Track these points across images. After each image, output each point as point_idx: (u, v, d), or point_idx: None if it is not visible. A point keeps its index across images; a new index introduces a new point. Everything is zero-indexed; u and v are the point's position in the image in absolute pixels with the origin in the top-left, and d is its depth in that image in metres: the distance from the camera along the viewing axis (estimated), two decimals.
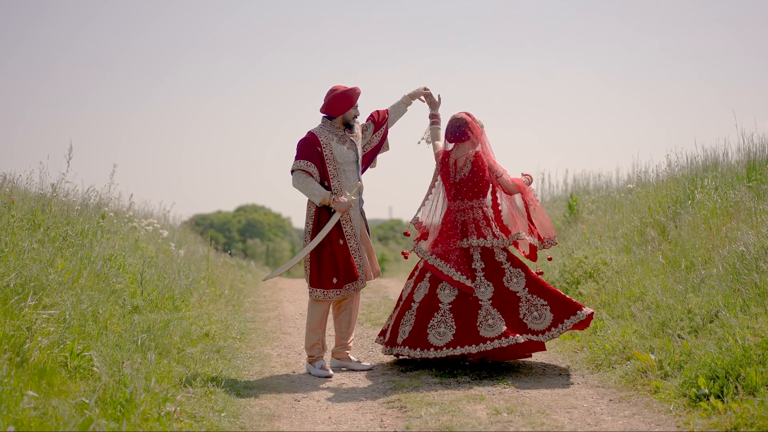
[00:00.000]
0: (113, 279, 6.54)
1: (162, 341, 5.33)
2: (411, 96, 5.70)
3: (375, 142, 5.63)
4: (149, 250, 8.88)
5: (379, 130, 5.63)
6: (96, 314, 5.35)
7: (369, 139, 5.62)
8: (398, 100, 5.71)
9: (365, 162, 5.63)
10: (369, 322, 7.32)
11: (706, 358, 4.44)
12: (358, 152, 5.48)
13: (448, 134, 5.44)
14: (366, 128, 5.62)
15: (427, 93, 5.70)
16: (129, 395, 3.94)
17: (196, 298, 7.38)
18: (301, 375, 5.33)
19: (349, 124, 5.45)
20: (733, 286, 5.30)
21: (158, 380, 4.44)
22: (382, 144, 5.66)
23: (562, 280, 7.23)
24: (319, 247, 5.31)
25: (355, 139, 5.50)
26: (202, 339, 6.02)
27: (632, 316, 5.79)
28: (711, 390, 4.21)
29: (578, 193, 10.90)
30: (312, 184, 5.29)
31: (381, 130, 5.63)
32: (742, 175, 7.36)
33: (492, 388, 4.79)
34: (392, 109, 5.69)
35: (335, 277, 5.31)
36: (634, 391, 4.60)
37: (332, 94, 5.42)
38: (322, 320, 5.39)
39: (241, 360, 5.66)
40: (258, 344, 6.36)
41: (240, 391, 4.79)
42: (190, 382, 4.69)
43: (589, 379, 5.01)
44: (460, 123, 5.41)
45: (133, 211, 10.69)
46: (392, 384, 4.97)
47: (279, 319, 7.70)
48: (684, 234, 6.66)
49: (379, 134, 5.63)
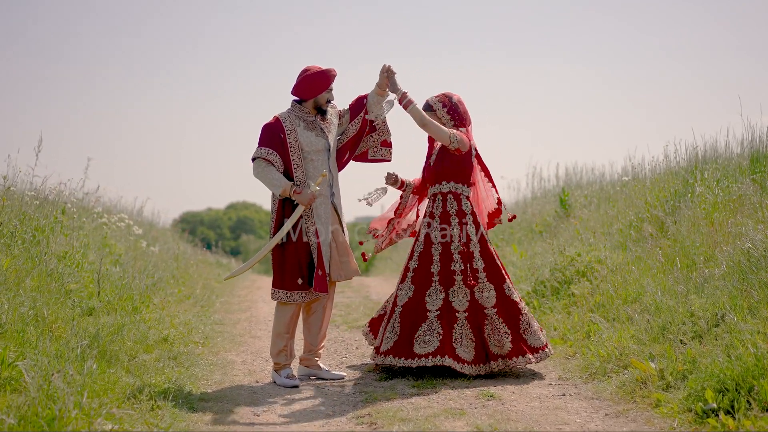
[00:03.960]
0: (68, 279, 6.04)
1: (111, 347, 4.81)
2: (379, 86, 4.94)
3: (352, 132, 5.04)
4: (117, 247, 8.37)
5: (355, 118, 5.03)
6: (39, 318, 4.84)
7: (345, 128, 5.06)
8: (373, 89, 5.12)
9: (344, 153, 5.05)
10: (346, 325, 6.83)
11: (713, 367, 3.96)
12: (329, 140, 4.95)
13: (465, 115, 5.01)
14: (343, 115, 5.06)
15: (387, 75, 4.86)
16: (58, 412, 3.44)
17: (160, 298, 6.85)
18: (265, 385, 4.83)
19: (321, 109, 4.93)
20: (740, 286, 4.83)
21: (98, 393, 3.93)
22: (364, 129, 5.03)
23: (553, 280, 6.74)
24: (283, 244, 4.80)
25: (327, 126, 4.97)
26: (159, 344, 5.51)
27: (629, 319, 5.31)
28: (720, 404, 3.73)
29: (570, 187, 10.44)
30: (272, 173, 4.77)
31: (358, 118, 5.03)
32: (744, 168, 6.91)
33: (474, 400, 4.30)
34: (370, 96, 5.07)
35: (300, 277, 4.80)
36: (633, 404, 4.11)
37: (304, 74, 4.89)
38: (289, 325, 4.89)
39: (200, 368, 5.15)
40: (222, 349, 5.85)
41: (194, 404, 4.28)
42: (136, 394, 4.17)
43: (583, 389, 4.53)
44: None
45: (102, 206, 10.17)
46: (364, 396, 4.48)
47: (250, 321, 7.19)
48: (684, 230, 6.20)
49: (356, 122, 5.03)
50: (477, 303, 4.79)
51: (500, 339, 4.77)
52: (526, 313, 4.88)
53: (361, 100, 5.05)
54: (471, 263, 4.84)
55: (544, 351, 4.85)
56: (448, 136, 4.83)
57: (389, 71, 4.86)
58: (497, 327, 4.78)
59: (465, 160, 4.92)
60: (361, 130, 5.04)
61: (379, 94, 4.97)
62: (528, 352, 4.79)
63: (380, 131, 5.11)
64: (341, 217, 4.99)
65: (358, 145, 5.07)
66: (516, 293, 4.91)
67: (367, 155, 5.15)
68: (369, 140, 5.12)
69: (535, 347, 4.82)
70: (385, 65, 4.87)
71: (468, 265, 4.83)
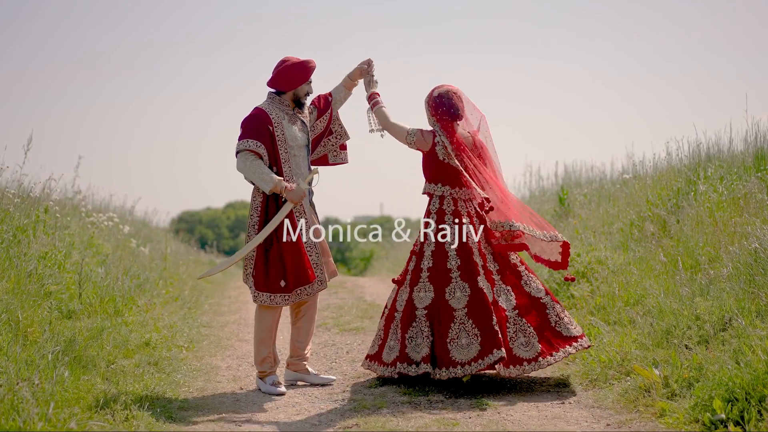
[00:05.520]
0: (48, 280, 5.80)
1: (88, 353, 4.58)
2: (351, 76, 4.87)
3: (318, 129, 4.87)
4: (105, 247, 8.13)
5: (322, 116, 4.86)
6: (13, 321, 4.61)
7: (312, 125, 4.86)
8: (339, 83, 4.93)
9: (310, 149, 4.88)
10: (337, 328, 6.59)
11: (721, 375, 3.73)
12: (309, 135, 4.74)
13: (453, 110, 4.63)
14: (310, 112, 4.87)
15: (366, 70, 4.85)
16: (22, 424, 3.22)
17: (145, 300, 6.61)
18: (249, 392, 4.59)
19: (299, 102, 4.71)
20: (747, 288, 4.61)
21: (69, 402, 3.70)
22: (326, 132, 4.89)
23: (551, 281, 6.51)
24: (266, 244, 4.57)
25: (306, 120, 4.76)
26: (141, 349, 5.27)
27: (631, 323, 5.08)
28: (729, 414, 3.50)
29: (569, 186, 10.21)
30: (261, 167, 4.53)
31: (325, 116, 4.86)
32: (749, 165, 6.69)
33: (469, 410, 4.07)
34: (335, 92, 4.93)
35: (283, 279, 4.56)
36: (636, 414, 3.89)
37: (283, 65, 4.67)
38: (272, 330, 4.65)
39: (182, 374, 4.91)
40: (207, 354, 5.61)
41: (172, 413, 4.05)
42: (110, 403, 3.93)
43: (583, 397, 4.30)
44: (458, 96, 4.70)
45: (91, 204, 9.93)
46: (353, 403, 4.25)
47: (238, 324, 6.95)
48: (687, 229, 5.97)
49: (323, 120, 4.87)
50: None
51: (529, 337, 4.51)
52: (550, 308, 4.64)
53: (327, 97, 4.90)
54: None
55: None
56: (405, 137, 4.68)
57: (370, 66, 4.83)
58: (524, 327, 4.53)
59: (443, 162, 4.65)
60: (326, 128, 4.90)
61: (347, 87, 4.90)
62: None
63: (338, 134, 4.97)
64: (318, 216, 4.79)
65: (318, 144, 4.91)
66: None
67: (327, 160, 5.03)
68: (328, 144, 4.98)
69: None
70: (369, 59, 4.84)
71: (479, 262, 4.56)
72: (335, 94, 4.92)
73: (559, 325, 4.56)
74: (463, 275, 4.49)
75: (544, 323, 4.55)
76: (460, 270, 4.50)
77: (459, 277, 4.49)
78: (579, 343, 4.57)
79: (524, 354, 4.42)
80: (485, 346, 4.34)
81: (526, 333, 4.47)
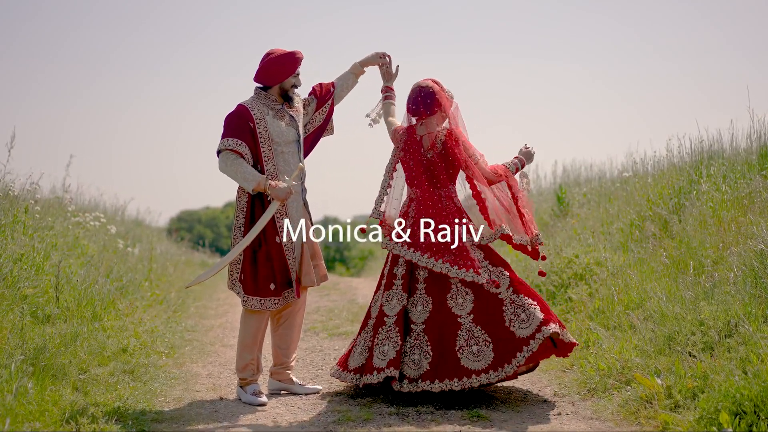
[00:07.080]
0: (24, 283, 5.56)
1: (59, 361, 4.33)
2: (363, 63, 4.70)
3: (318, 121, 4.65)
4: (90, 248, 7.89)
5: (323, 106, 4.64)
6: None
7: (311, 117, 4.64)
8: (347, 70, 4.73)
9: (307, 144, 4.66)
10: (326, 332, 6.35)
11: (727, 385, 3.50)
12: (299, 130, 4.50)
13: (413, 106, 4.39)
14: (308, 104, 4.64)
15: (383, 61, 4.71)
16: None
17: (126, 304, 6.37)
18: (229, 402, 4.35)
19: (287, 95, 4.47)
20: (753, 291, 4.38)
21: (32, 416, 3.46)
22: (327, 124, 4.69)
23: (548, 283, 6.28)
24: (254, 246, 4.33)
25: (296, 115, 4.52)
26: (118, 356, 5.02)
27: (631, 328, 4.84)
28: (737, 429, 3.28)
29: (568, 185, 9.97)
30: (243, 166, 4.29)
31: (326, 106, 4.65)
32: (753, 163, 6.45)
33: (460, 421, 3.83)
34: (339, 81, 4.70)
35: (272, 282, 4.33)
36: (638, 426, 3.65)
37: (268, 58, 4.44)
38: (257, 336, 4.42)
39: (160, 382, 4.67)
40: (188, 360, 5.37)
41: (146, 426, 3.81)
42: (76, 416, 3.69)
43: (581, 407, 4.06)
44: (426, 92, 4.39)
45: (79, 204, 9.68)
46: (337, 415, 4.01)
47: (224, 328, 6.71)
48: (689, 229, 5.74)
49: (323, 111, 4.65)
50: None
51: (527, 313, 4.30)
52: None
53: (326, 87, 4.66)
54: None
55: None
56: (390, 132, 4.57)
57: (388, 59, 4.69)
58: (518, 304, 4.32)
59: (429, 160, 4.41)
60: (327, 119, 4.68)
61: (356, 74, 4.71)
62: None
63: (329, 130, 4.77)
64: (311, 216, 4.55)
65: (320, 136, 4.68)
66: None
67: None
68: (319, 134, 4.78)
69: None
70: (386, 53, 4.69)
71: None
72: (338, 85, 4.68)
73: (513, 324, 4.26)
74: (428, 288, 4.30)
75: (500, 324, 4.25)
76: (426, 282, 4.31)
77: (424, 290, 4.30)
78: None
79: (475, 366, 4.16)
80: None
81: (479, 341, 4.21)
